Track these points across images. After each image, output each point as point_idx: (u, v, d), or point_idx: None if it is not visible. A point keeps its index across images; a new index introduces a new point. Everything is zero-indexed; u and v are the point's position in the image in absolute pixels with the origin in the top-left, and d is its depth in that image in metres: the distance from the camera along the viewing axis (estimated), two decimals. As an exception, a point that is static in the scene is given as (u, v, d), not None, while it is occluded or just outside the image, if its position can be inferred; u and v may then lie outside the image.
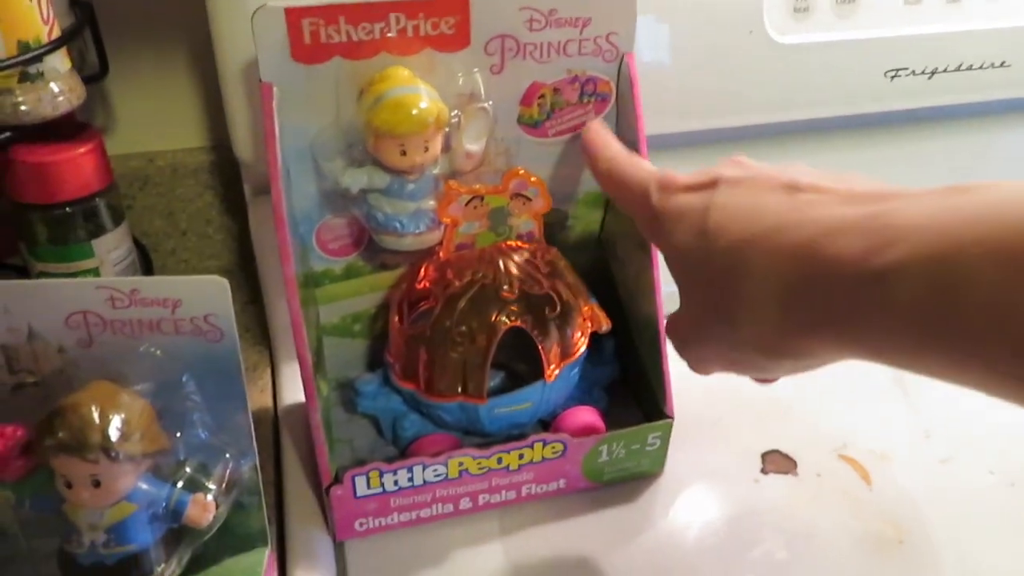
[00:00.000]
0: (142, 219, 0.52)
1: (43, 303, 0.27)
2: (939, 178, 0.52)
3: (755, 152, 0.48)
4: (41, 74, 0.35)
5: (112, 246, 0.41)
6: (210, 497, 0.29)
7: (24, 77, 0.35)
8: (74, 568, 0.27)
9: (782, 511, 0.40)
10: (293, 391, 0.44)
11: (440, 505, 0.38)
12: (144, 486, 0.27)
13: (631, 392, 0.43)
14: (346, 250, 0.39)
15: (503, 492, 0.38)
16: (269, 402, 0.45)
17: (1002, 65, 0.49)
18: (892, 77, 0.48)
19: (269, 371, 0.47)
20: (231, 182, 0.52)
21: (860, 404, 0.46)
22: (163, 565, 0.28)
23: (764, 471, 0.42)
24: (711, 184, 0.27)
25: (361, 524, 0.37)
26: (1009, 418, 0.45)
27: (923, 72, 0.48)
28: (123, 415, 0.26)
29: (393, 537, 0.38)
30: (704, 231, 0.27)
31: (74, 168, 0.38)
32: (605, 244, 0.43)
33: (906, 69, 0.48)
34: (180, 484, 0.29)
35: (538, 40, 0.36)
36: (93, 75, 0.41)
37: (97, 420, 0.26)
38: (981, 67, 0.49)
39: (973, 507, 0.40)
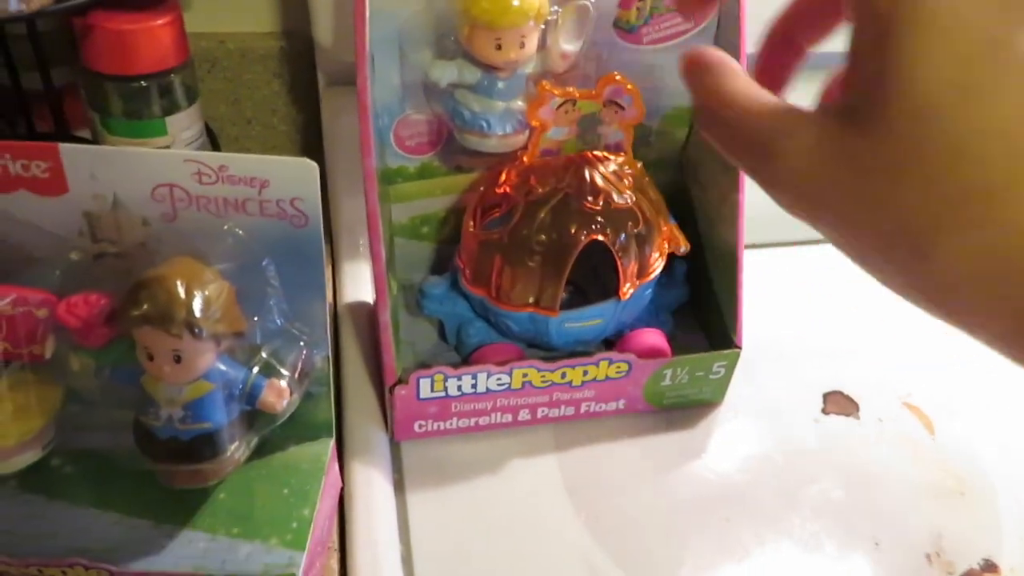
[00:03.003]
0: (208, 104, 0.51)
1: (130, 172, 0.27)
2: None
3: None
4: (124, -65, 0.34)
5: (185, 125, 0.40)
6: (284, 383, 0.29)
7: (107, -64, 0.33)
8: (150, 441, 0.27)
9: (840, 452, 0.39)
10: (354, 289, 0.44)
11: (499, 415, 0.38)
12: (222, 367, 0.27)
13: (698, 318, 0.42)
14: (423, 148, 0.38)
15: (562, 407, 0.38)
16: (329, 299, 0.45)
17: None
18: None
19: (330, 269, 0.46)
20: (300, 72, 0.51)
21: (930, 354, 0.44)
22: (235, 445, 0.28)
23: (825, 411, 0.41)
24: None
25: (420, 426, 0.37)
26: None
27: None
28: (207, 293, 0.26)
29: (449, 441, 0.38)
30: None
31: (152, 39, 0.37)
32: (685, 166, 0.41)
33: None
34: (256, 369, 0.28)
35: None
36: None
37: (183, 296, 0.25)
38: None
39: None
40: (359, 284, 0.43)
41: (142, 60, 0.37)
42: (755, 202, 0.38)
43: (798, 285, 0.48)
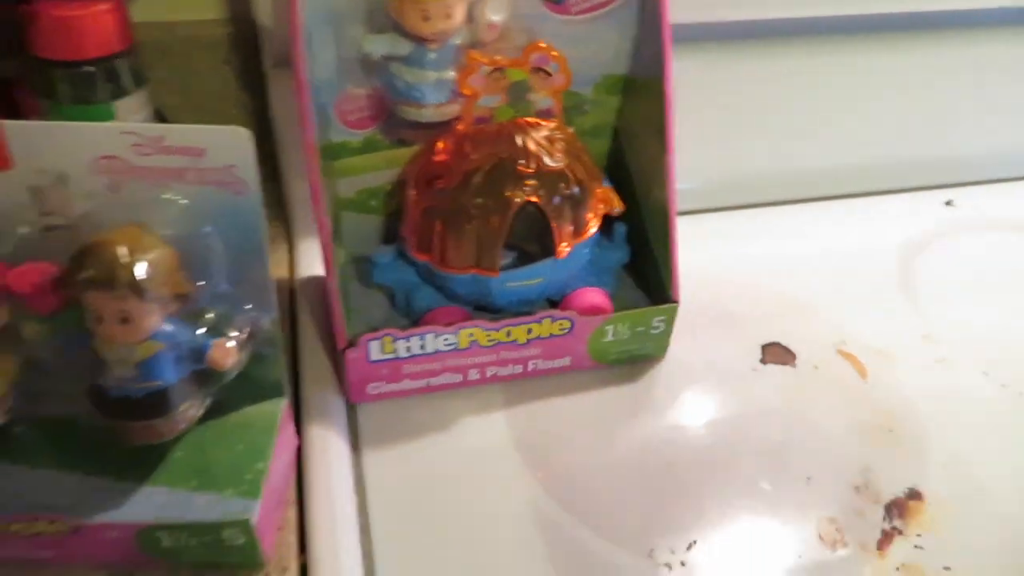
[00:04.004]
0: (158, 93, 0.52)
1: (71, 146, 0.28)
2: (933, 82, 0.52)
3: (777, 52, 0.48)
4: (62, -76, 0.35)
5: (134, 110, 0.41)
6: (231, 343, 0.30)
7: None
8: (104, 401, 0.29)
9: (777, 398, 0.41)
10: (309, 264, 0.45)
11: (449, 374, 0.39)
12: (169, 327, 0.29)
13: (639, 278, 0.44)
14: (364, 123, 0.39)
15: (510, 366, 0.40)
16: (286, 275, 0.46)
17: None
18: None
19: (286, 246, 0.48)
20: (248, 58, 0.52)
21: (863, 305, 0.47)
22: (187, 403, 0.30)
23: (763, 361, 0.43)
24: None
25: (373, 388, 0.39)
26: (1008, 324, 0.46)
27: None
28: (150, 256, 0.27)
29: (403, 403, 0.39)
30: None
31: (97, 24, 0.38)
32: (621, 132, 0.43)
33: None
34: (204, 329, 0.30)
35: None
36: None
37: (126, 259, 0.27)
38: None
39: (963, 405, 0.42)
40: (314, 258, 0.45)
41: (87, 45, 0.38)
42: (690, 169, 0.40)
43: (737, 247, 0.50)
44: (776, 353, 0.44)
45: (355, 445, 0.38)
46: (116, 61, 0.40)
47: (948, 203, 0.56)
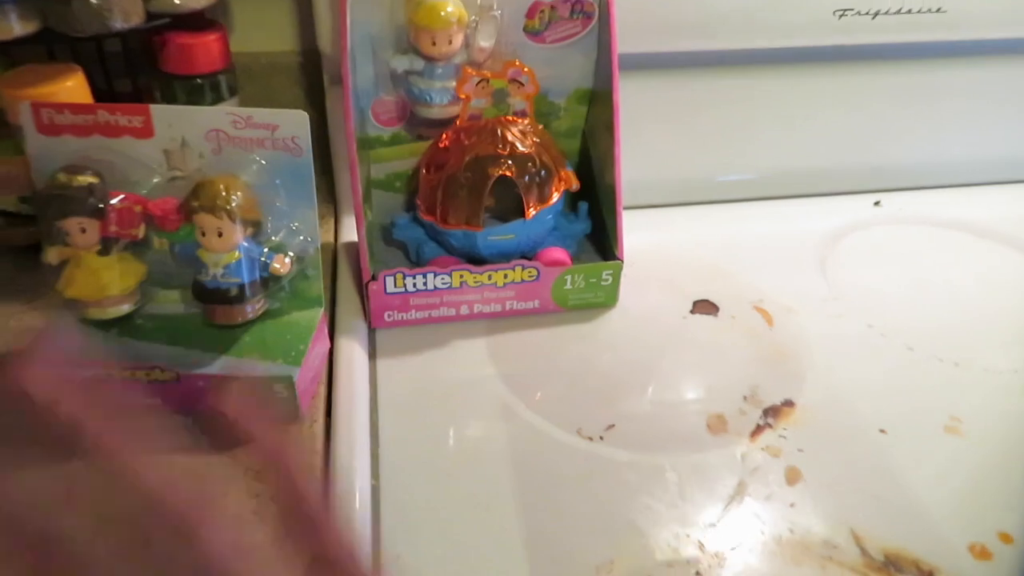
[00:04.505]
0: (246, 104, 0.67)
1: (192, 122, 0.43)
2: (882, 110, 0.63)
3: (721, 76, 0.60)
4: (188, -20, 0.50)
5: (227, 110, 0.56)
6: (287, 259, 0.44)
7: (178, -19, 0.50)
8: (202, 291, 0.43)
9: (700, 339, 0.53)
10: (350, 233, 0.59)
11: (445, 308, 0.52)
12: (247, 243, 0.43)
13: (598, 247, 0.57)
14: (392, 122, 0.54)
15: (492, 304, 0.53)
16: (332, 241, 0.60)
17: (938, 11, 0.59)
18: (840, 16, 0.59)
19: (333, 221, 0.62)
20: (313, 79, 0.67)
21: (781, 275, 0.58)
22: (255, 298, 0.44)
23: (692, 312, 0.55)
24: None
25: (388, 316, 0.52)
26: (901, 292, 0.57)
27: (867, 13, 0.59)
28: (238, 194, 0.42)
29: (410, 330, 0.53)
30: None
31: (206, 50, 0.53)
32: (586, 132, 0.56)
33: (852, 9, 0.59)
34: (267, 248, 0.44)
35: (536, -31, 0.49)
36: (220, -15, 0.56)
37: (224, 194, 0.41)
38: (919, 11, 0.59)
39: (845, 346, 0.53)
40: (352, 230, 0.59)
41: (199, 64, 0.53)
42: (648, 170, 0.52)
43: (684, 232, 0.63)
44: (703, 306, 0.56)
45: (372, 355, 0.51)
46: (218, 76, 0.55)
47: (876, 203, 0.67)
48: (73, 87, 0.48)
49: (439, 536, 0.40)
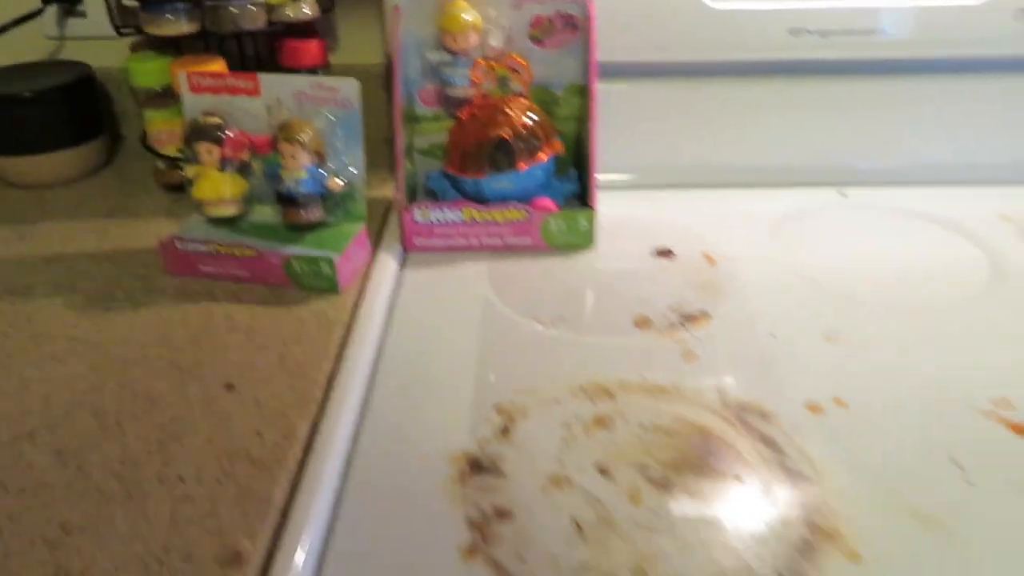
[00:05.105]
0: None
1: (284, 86, 0.64)
2: (833, 120, 0.76)
3: (696, 83, 0.76)
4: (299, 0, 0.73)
5: (322, 96, 0.78)
6: (340, 180, 0.64)
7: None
8: (283, 198, 0.63)
9: (654, 272, 0.68)
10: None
11: (459, 239, 0.70)
12: (311, 167, 0.63)
13: (582, 203, 0.73)
14: (432, 103, 0.73)
15: (494, 238, 0.70)
16: (388, 195, 0.80)
17: (871, 32, 0.73)
18: (795, 33, 0.73)
19: (391, 180, 0.82)
20: (389, 81, 0.88)
21: (735, 238, 0.72)
22: (316, 206, 0.64)
23: (653, 256, 0.70)
24: None
25: (418, 241, 0.70)
26: (836, 252, 0.70)
27: (821, 32, 0.73)
28: (309, 132, 0.62)
29: (432, 255, 0.71)
30: None
31: (308, 51, 0.75)
32: (579, 118, 0.73)
33: (804, 29, 0.73)
34: (326, 172, 0.64)
35: (533, -11, 0.68)
36: (326, 7, 0.79)
37: (300, 130, 0.61)
38: (857, 32, 0.73)
39: (771, 282, 0.65)
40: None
41: (305, 60, 0.75)
42: (620, 154, 0.69)
43: (658, 205, 0.78)
44: (663, 252, 0.70)
45: (402, 266, 0.69)
46: (317, 70, 0.77)
47: (842, 194, 0.79)
48: (216, 69, 0.71)
49: (424, 371, 0.57)
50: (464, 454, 0.50)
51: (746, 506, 0.46)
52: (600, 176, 0.70)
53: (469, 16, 0.66)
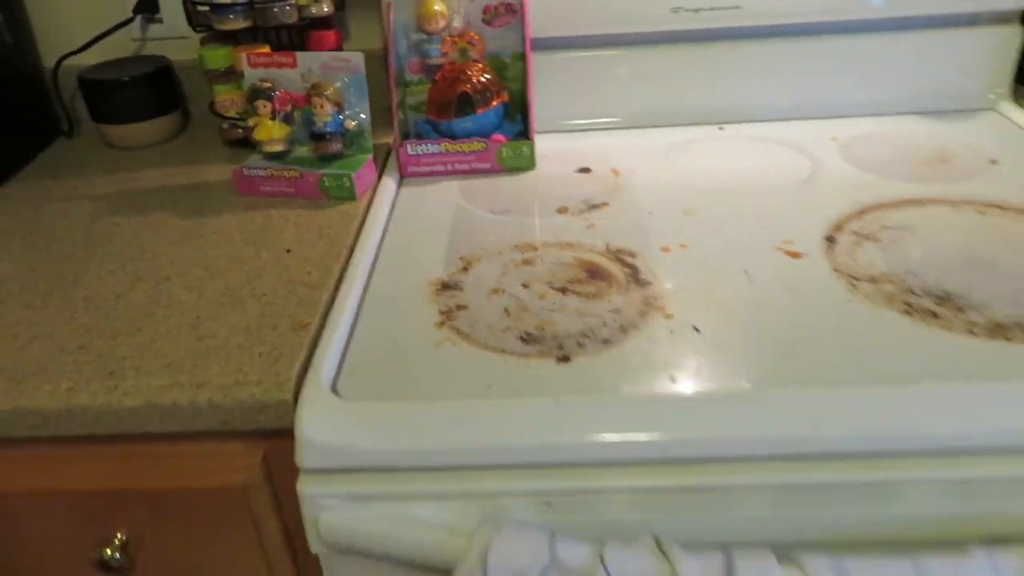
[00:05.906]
0: (354, 80, 1.19)
1: (313, 60, 0.93)
2: (712, 75, 1.05)
3: (601, 53, 1.05)
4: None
5: (338, 71, 1.07)
6: (353, 122, 0.93)
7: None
8: (313, 134, 0.92)
9: (577, 182, 0.96)
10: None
11: (439, 166, 0.99)
12: (334, 112, 0.92)
13: (525, 138, 1.02)
14: (417, 71, 1.02)
15: (463, 163, 0.99)
16: (390, 141, 1.09)
17: (736, 8, 1.01)
18: (675, 11, 1.02)
19: (391, 132, 1.11)
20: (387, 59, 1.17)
21: (640, 158, 1.00)
22: (336, 140, 0.93)
23: (576, 172, 0.99)
24: None
25: (410, 168, 0.99)
26: (714, 167, 0.98)
27: (695, 9, 1.02)
28: (331, 89, 0.91)
29: (421, 180, 0.99)
30: None
31: (329, 39, 1.04)
32: (523, 78, 1.02)
33: (683, 7, 1.02)
34: (343, 118, 0.93)
35: (483, -13, 0.97)
36: (339, 5, 1.08)
37: (324, 88, 0.91)
38: (723, 8, 1.01)
39: (660, 185, 0.94)
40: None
41: (325, 46, 1.04)
42: (552, 105, 0.97)
43: (577, 144, 1.06)
44: (583, 170, 0.99)
45: (399, 185, 0.98)
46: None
47: (720, 128, 1.07)
48: (265, 52, 1.00)
49: (414, 241, 0.86)
50: (439, 280, 0.79)
51: (610, 298, 0.74)
52: (537, 122, 0.99)
53: (439, 6, 0.95)
